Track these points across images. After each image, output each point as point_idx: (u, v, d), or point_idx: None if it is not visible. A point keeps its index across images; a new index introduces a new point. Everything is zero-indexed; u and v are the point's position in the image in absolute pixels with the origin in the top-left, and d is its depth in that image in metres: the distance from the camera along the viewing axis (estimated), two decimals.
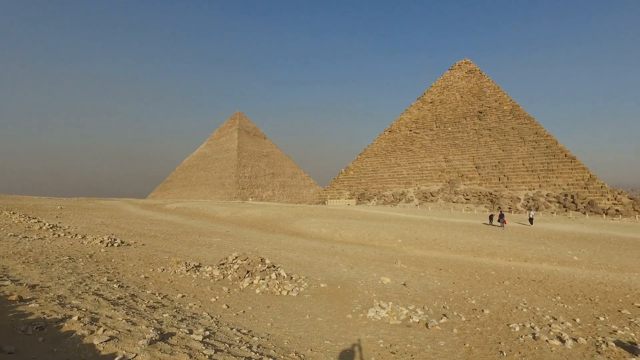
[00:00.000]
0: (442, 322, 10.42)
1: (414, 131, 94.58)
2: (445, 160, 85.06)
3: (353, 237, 30.33)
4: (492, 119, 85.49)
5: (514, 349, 8.72)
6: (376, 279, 15.15)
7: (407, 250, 25.50)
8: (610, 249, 24.96)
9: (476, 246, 25.61)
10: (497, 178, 76.51)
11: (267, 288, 12.43)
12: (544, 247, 25.16)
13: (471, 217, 47.56)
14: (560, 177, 71.04)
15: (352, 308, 11.36)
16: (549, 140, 76.53)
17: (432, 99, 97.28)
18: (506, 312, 11.66)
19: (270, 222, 39.65)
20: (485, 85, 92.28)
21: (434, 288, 14.45)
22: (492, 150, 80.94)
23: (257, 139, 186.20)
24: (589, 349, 8.78)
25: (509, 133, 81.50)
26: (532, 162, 75.13)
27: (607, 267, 20.31)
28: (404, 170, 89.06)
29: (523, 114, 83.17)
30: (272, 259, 17.30)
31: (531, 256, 22.88)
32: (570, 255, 22.83)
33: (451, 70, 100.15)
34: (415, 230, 31.76)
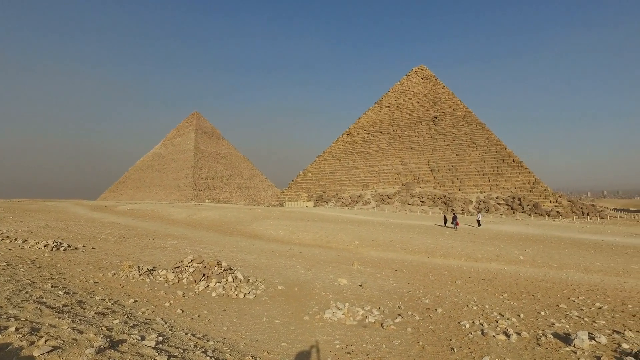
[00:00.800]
0: (397, 321, 10.65)
1: (371, 134, 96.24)
2: (402, 163, 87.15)
3: (311, 239, 30.41)
4: (446, 124, 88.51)
5: (464, 345, 9.06)
6: (333, 281, 15.27)
7: (364, 251, 25.88)
8: (551, 248, 26.51)
9: (430, 247, 26.41)
10: (450, 181, 79.26)
11: (223, 291, 12.23)
12: (493, 248, 26.35)
13: (426, 219, 48.98)
14: (509, 180, 74.64)
15: (309, 310, 11.38)
16: (499, 145, 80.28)
17: (389, 104, 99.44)
18: (458, 310, 12.09)
19: (228, 224, 39.02)
20: (440, 92, 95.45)
21: (389, 288, 14.75)
22: (446, 154, 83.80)
23: (215, 139, 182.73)
24: (531, 341, 9.29)
25: (462, 138, 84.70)
26: (483, 166, 78.49)
27: (548, 265, 21.57)
28: (362, 172, 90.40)
29: (475, 120, 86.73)
30: (229, 262, 17.02)
31: (481, 256, 23.89)
32: (516, 255, 24.04)
33: (408, 76, 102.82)
34: (372, 232, 32.30)
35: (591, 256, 24.05)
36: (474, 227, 39.35)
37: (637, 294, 15.50)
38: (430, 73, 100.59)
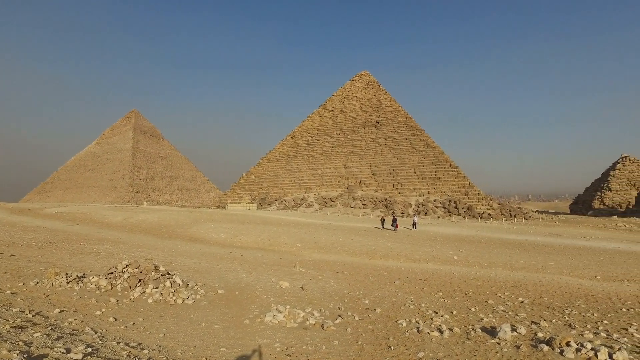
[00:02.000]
0: (337, 322, 10.86)
1: (315, 137, 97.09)
2: (345, 166, 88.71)
3: (253, 242, 30.11)
4: (388, 129, 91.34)
5: (400, 343, 9.43)
6: (275, 283, 15.24)
7: (306, 254, 26.04)
8: (482, 249, 28.23)
9: (371, 249, 27.11)
10: (391, 185, 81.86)
11: (160, 297, 11.80)
12: (430, 249, 27.58)
13: (367, 222, 50.18)
14: (446, 184, 78.46)
15: (250, 313, 11.30)
16: (437, 150, 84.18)
17: (333, 107, 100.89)
18: (396, 310, 12.54)
19: (167, 227, 37.61)
20: (382, 98, 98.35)
21: (330, 290, 14.98)
22: (388, 158, 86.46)
23: (155, 139, 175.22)
24: (461, 336, 9.88)
25: (402, 143, 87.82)
26: (422, 171, 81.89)
27: (479, 264, 22.95)
28: (305, 175, 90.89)
29: (415, 126, 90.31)
30: (167, 266, 16.44)
31: (419, 257, 24.91)
32: (451, 255, 25.33)
33: (352, 81, 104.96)
34: (314, 235, 32.58)
35: (516, 255, 25.89)
36: (411, 229, 40.78)
37: (553, 288, 16.95)
38: (373, 79, 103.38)
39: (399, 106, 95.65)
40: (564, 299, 14.98)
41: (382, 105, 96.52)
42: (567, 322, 11.65)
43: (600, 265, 22.79)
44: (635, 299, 15.13)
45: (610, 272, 21.14)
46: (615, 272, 20.99)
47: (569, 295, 15.64)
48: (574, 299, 14.99)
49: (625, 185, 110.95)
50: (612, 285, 18.13)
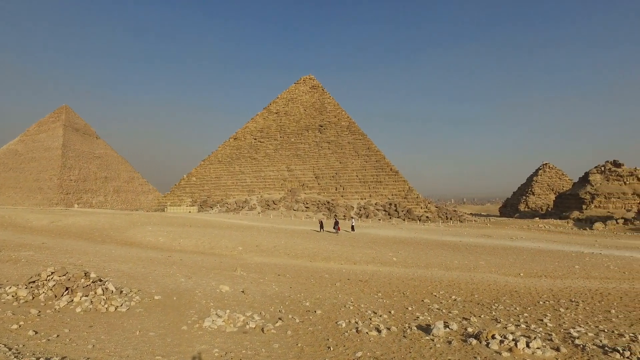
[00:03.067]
0: (277, 325, 10.83)
1: (258, 140, 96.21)
2: (288, 169, 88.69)
3: (193, 246, 29.24)
4: (331, 133, 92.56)
5: (339, 343, 9.60)
6: (215, 288, 14.91)
7: (247, 257, 25.72)
8: (420, 250, 29.42)
9: (313, 252, 27.31)
10: (334, 188, 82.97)
11: (91, 305, 11.12)
12: (371, 251, 28.27)
13: (310, 225, 50.45)
14: (387, 188, 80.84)
15: (188, 319, 10.96)
16: (378, 155, 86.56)
17: (277, 110, 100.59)
18: (336, 311, 12.74)
19: (100, 231, 35.48)
20: (326, 101, 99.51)
21: (272, 293, 14.91)
22: (331, 162, 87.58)
23: (88, 137, 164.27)
24: (398, 335, 10.26)
25: (345, 147, 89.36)
26: (364, 174, 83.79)
27: (417, 265, 23.90)
28: (248, 178, 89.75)
29: (358, 130, 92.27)
30: (99, 272, 15.51)
31: (360, 259, 25.46)
32: (390, 257, 26.14)
33: (296, 84, 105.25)
34: (256, 238, 32.25)
35: (451, 255, 27.26)
36: (349, 232, 41.08)
37: (482, 285, 18.07)
38: (317, 83, 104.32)
39: (343, 110, 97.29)
40: (492, 296, 16.01)
41: (326, 109, 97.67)
42: (494, 316, 12.47)
43: (523, 264, 24.59)
44: (550, 293, 16.54)
45: (532, 269, 22.89)
46: (535, 269, 22.75)
47: (496, 292, 16.74)
48: (500, 295, 16.07)
49: (545, 189, 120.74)
50: (532, 281, 19.64)
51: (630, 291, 17.17)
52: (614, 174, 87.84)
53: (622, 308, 13.90)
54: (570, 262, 25.48)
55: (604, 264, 25.04)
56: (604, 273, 22.23)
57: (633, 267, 24.01)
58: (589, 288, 17.88)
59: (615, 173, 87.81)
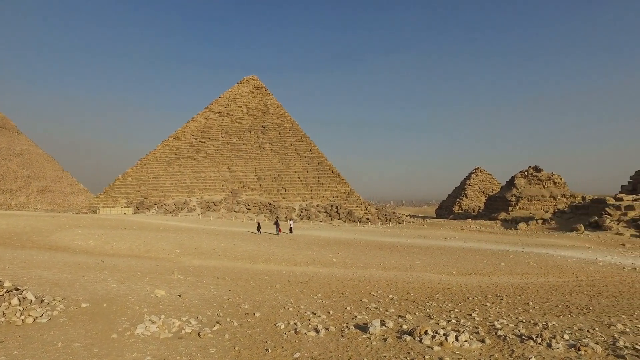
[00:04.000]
0: (214, 329, 10.60)
1: (199, 140, 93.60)
2: (229, 170, 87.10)
3: (127, 249, 27.82)
4: (273, 134, 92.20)
5: (278, 345, 9.59)
6: (150, 293, 14.28)
7: (185, 260, 24.92)
8: (359, 251, 30.12)
9: (253, 253, 27.03)
10: (276, 189, 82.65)
11: (3, 318, 10.17)
12: (311, 252, 28.49)
13: (251, 226, 49.84)
14: (328, 190, 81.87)
15: (119, 326, 10.41)
16: (320, 157, 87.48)
17: (219, 110, 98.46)
18: (275, 313, 12.70)
19: (20, 235, 32.65)
20: (269, 103, 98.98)
21: (210, 297, 14.56)
22: (273, 163, 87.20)
23: (7, 132, 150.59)
24: (336, 334, 10.44)
25: (287, 148, 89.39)
26: (306, 176, 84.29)
27: (356, 266, 24.44)
28: (188, 178, 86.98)
29: (300, 132, 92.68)
30: (17, 281, 14.27)
31: (300, 260, 25.57)
32: (330, 258, 26.51)
33: (239, 84, 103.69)
34: (195, 240, 31.35)
35: (389, 256, 28.17)
36: (288, 234, 40.81)
37: (418, 284, 18.87)
38: (261, 84, 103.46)
39: (285, 112, 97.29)
40: (427, 294, 16.76)
41: (268, 110, 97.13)
42: (428, 313, 13.07)
43: (456, 262, 25.99)
44: (479, 289, 17.65)
45: (463, 267, 24.25)
46: (466, 268, 24.14)
47: (431, 290, 17.55)
48: (434, 293, 16.87)
49: (477, 192, 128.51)
50: (463, 279, 20.83)
51: (545, 284, 18.83)
52: (535, 178, 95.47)
53: (537, 300, 15.19)
54: (497, 260, 27.30)
55: (525, 261, 27.13)
56: (525, 269, 24.10)
57: (548, 263, 26.30)
58: (512, 283, 19.30)
59: (536, 177, 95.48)
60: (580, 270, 24.51)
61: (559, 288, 18.62)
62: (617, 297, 16.85)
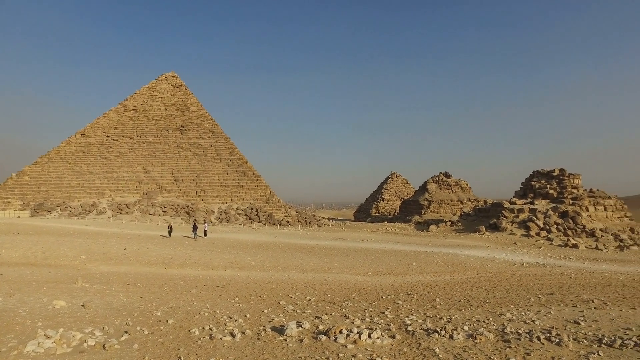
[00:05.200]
0: (122, 339, 9.95)
1: (111, 137, 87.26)
2: (144, 171, 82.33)
3: (21, 257, 25.03)
4: (193, 135, 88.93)
5: (191, 352, 9.25)
6: (47, 304, 12.98)
7: (92, 267, 23.05)
8: (278, 254, 30.15)
9: (168, 258, 25.83)
10: (194, 191, 79.75)
11: None
12: (229, 255, 27.93)
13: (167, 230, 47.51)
14: (248, 192, 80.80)
15: (4, 346, 9.32)
16: (241, 159, 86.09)
17: (134, 106, 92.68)
18: (190, 319, 12.24)
19: None
20: (189, 102, 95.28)
21: (118, 305, 13.63)
22: (192, 164, 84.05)
23: None
24: (252, 338, 10.35)
25: (207, 149, 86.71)
26: (226, 178, 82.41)
27: (275, 268, 24.42)
28: (97, 179, 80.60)
29: (221, 133, 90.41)
30: None
31: (218, 264, 24.93)
32: (249, 261, 26.20)
33: (157, 81, 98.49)
34: (104, 245, 29.16)
35: (307, 258, 28.53)
36: (204, 237, 39.54)
37: (335, 285, 19.35)
38: (180, 81, 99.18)
39: (206, 112, 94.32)
40: (343, 294, 17.25)
41: (188, 110, 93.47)
42: (344, 313, 13.46)
43: (371, 263, 27.07)
44: (392, 288, 18.58)
45: (378, 268, 25.34)
46: (381, 268, 25.26)
47: (347, 291, 18.09)
48: (350, 293, 17.41)
49: (393, 196, 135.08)
50: (378, 279, 21.77)
51: (451, 281, 20.39)
52: (444, 183, 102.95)
53: (444, 296, 16.39)
54: (409, 260, 28.92)
55: (434, 260, 29.10)
56: (434, 268, 25.84)
57: (454, 262, 28.50)
58: (422, 281, 20.59)
59: (446, 183, 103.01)
60: (481, 267, 26.90)
61: (463, 284, 20.27)
62: (509, 290, 18.83)
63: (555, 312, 13.84)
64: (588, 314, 13.54)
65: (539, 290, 18.66)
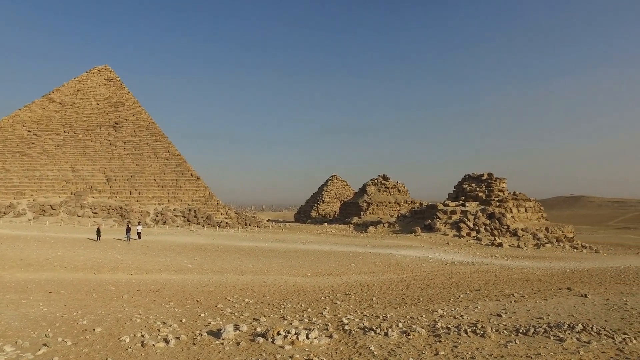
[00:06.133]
0: (39, 354, 9.20)
1: (34, 132, 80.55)
2: (73, 169, 76.89)
3: None
4: (128, 132, 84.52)
5: None
6: None
7: (6, 275, 21.05)
8: (217, 256, 29.47)
9: (97, 262, 24.34)
10: (128, 192, 75.80)
11: None
12: (165, 259, 26.87)
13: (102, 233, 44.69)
14: (186, 193, 78.18)
15: None
16: (179, 159, 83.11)
17: (62, 100, 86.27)
18: (120, 326, 11.61)
19: None
20: (124, 97, 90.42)
21: (37, 315, 12.60)
22: (126, 163, 79.82)
23: None
24: (187, 343, 10.04)
25: (143, 148, 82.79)
26: (162, 178, 79.12)
27: (213, 271, 23.82)
28: (16, 177, 73.97)
29: (158, 132, 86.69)
30: None
31: (152, 268, 23.86)
32: (186, 264, 25.37)
33: (89, 74, 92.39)
34: (21, 250, 26.88)
35: (246, 260, 28.15)
36: (139, 240, 37.84)
37: (274, 287, 19.27)
38: (115, 75, 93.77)
39: (142, 109, 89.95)
40: (282, 296, 17.21)
41: (123, 106, 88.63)
42: (282, 314, 13.43)
43: (311, 264, 27.25)
44: (331, 289, 18.84)
45: (317, 269, 25.57)
46: (320, 269, 25.51)
47: (286, 292, 18.07)
48: (289, 295, 17.41)
49: (333, 198, 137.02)
50: (317, 280, 21.96)
51: (387, 281, 21.08)
52: (383, 186, 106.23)
53: (380, 295, 16.91)
54: (348, 261, 29.47)
55: (372, 260, 29.90)
56: (372, 268, 26.55)
57: (390, 262, 29.49)
58: (360, 282, 21.07)
59: (384, 185, 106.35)
60: (416, 266, 28.05)
61: (398, 283, 21.03)
62: (441, 287, 19.85)
63: (481, 306, 14.83)
64: (509, 307, 14.70)
65: (468, 287, 19.87)
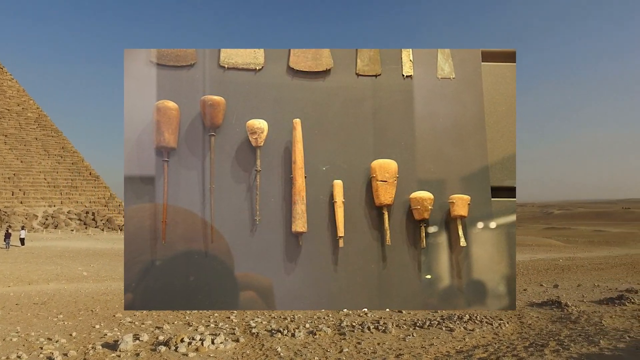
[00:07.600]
0: None
1: None
2: None
3: None
4: (11, 124, 75.21)
5: None
6: None
7: None
8: (117, 261, 27.49)
9: None
10: (10, 192, 67.46)
11: None
12: (55, 267, 24.61)
13: None
14: (83, 194, 71.94)
15: None
16: (75, 156, 76.18)
17: None
18: None
19: None
20: (7, 85, 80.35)
21: None
22: (8, 159, 70.94)
23: None
24: (78, 358, 9.14)
25: (31, 143, 74.34)
26: (55, 178, 71.81)
27: (112, 278, 22.20)
28: None
29: (50, 126, 78.60)
30: None
31: (38, 277, 21.61)
32: (80, 272, 23.44)
33: None
34: None
35: None
36: (19, 247, 34.28)
37: None
38: None
39: (31, 99, 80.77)
40: None
41: (5, 94, 78.67)
42: (187, 321, 12.89)
43: None
44: None
45: None
46: None
47: None
48: None
49: None
50: None
51: None
52: None
53: None
54: None
55: None
56: None
57: None
58: None
59: None
60: None
61: None
62: None
63: None
64: None
65: None
